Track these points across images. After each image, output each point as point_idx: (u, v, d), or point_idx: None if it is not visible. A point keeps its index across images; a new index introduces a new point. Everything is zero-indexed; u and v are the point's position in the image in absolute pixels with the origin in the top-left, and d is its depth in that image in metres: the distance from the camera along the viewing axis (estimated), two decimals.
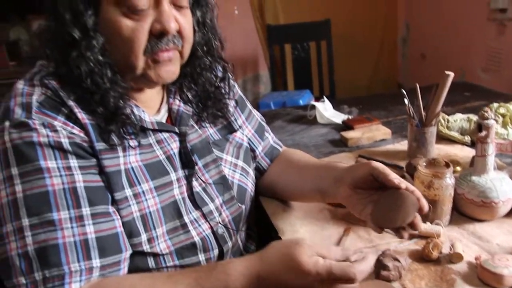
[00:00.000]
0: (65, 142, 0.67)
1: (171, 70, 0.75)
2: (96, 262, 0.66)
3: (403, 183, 0.71)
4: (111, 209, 0.70)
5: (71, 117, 0.69)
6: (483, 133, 0.85)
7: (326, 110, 1.54)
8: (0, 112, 0.69)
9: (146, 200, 0.74)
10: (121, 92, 0.71)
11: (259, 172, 1.02)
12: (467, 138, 1.26)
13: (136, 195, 0.73)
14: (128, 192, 0.72)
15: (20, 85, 0.71)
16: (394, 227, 0.71)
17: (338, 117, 1.52)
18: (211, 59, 0.85)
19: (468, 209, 0.89)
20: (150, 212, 0.74)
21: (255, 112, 1.04)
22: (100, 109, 0.70)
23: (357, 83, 3.27)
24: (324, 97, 1.63)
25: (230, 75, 0.90)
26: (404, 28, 3.33)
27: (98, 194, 0.69)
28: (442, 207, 0.87)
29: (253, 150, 0.99)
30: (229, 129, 0.93)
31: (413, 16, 3.20)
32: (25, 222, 0.63)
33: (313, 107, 1.56)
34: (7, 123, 0.66)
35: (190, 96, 0.86)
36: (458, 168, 1.09)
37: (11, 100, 0.69)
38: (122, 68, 0.72)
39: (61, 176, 0.66)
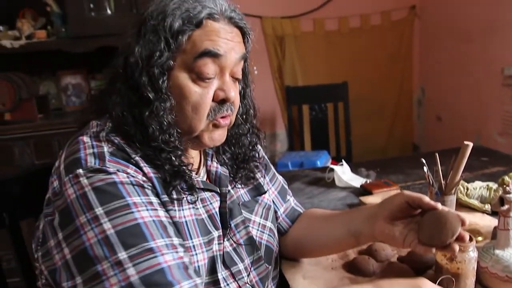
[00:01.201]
0: (143, 183, 0.71)
1: (223, 134, 0.81)
2: (197, 280, 0.68)
3: (438, 204, 0.75)
4: None
5: (139, 169, 0.73)
6: (506, 207, 0.86)
7: (344, 174, 1.55)
8: (66, 164, 0.71)
9: (196, 254, 0.76)
10: (182, 150, 0.76)
11: (279, 233, 1.03)
12: (487, 207, 1.25)
13: (187, 249, 0.74)
14: None
15: (87, 139, 0.73)
16: (445, 244, 0.74)
17: (356, 181, 1.53)
18: (248, 126, 0.91)
19: (493, 284, 0.88)
20: (198, 267, 0.76)
21: (277, 175, 1.08)
22: (167, 166, 0.74)
23: (373, 144, 3.31)
24: (343, 160, 1.65)
25: (261, 141, 0.95)
26: (419, 90, 3.40)
27: (175, 229, 0.72)
28: (466, 281, 0.85)
29: (275, 212, 1.01)
30: (259, 190, 0.96)
31: (428, 80, 3.28)
32: (123, 255, 0.64)
33: (332, 170, 1.57)
34: (80, 171, 0.68)
35: (225, 158, 0.91)
36: (480, 238, 1.08)
37: (80, 152, 0.71)
38: (182, 129, 0.77)
39: (147, 210, 0.69)
